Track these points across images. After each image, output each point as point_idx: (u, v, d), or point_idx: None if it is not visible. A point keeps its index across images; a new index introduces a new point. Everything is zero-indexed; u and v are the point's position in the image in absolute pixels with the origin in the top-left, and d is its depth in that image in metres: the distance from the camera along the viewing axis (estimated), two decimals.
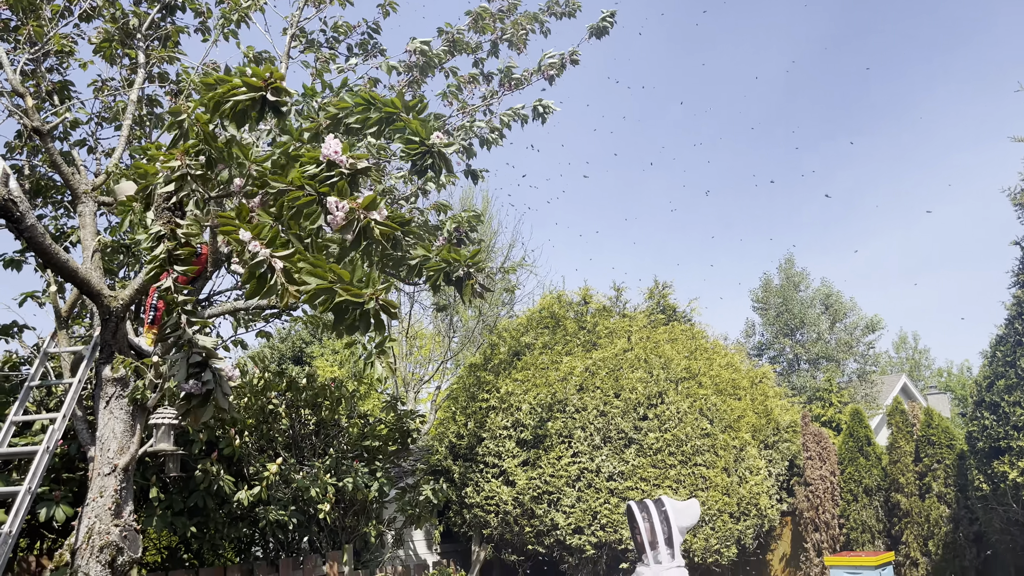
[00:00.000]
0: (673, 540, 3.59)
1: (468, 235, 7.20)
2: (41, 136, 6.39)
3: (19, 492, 5.18)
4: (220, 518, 7.49)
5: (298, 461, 8.24)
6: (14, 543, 4.94)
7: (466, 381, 10.31)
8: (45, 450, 5.37)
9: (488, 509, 9.08)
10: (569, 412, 8.91)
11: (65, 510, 6.17)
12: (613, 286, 11.75)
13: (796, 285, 24.47)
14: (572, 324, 10.34)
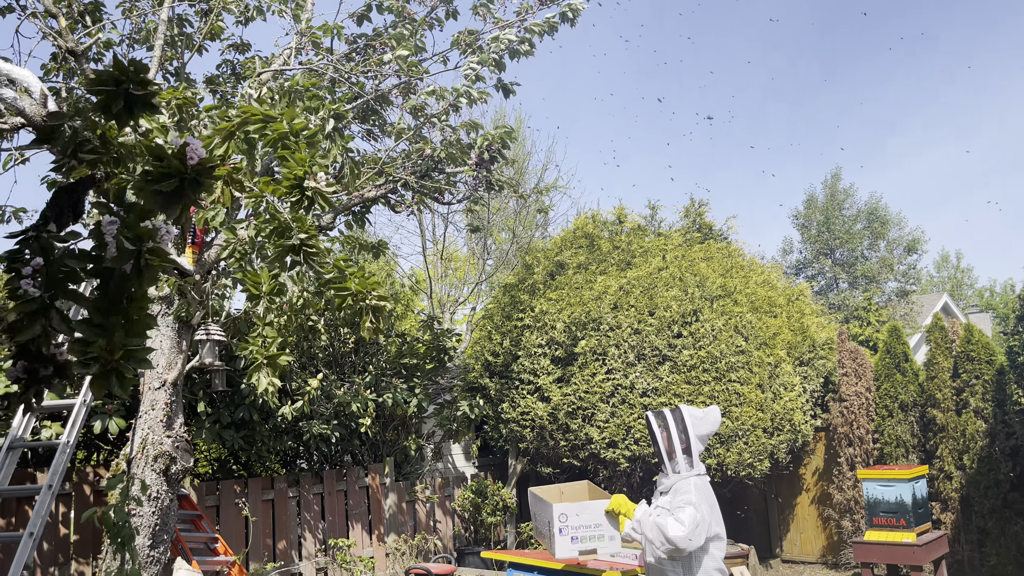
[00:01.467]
0: (692, 448, 3.53)
1: (501, 153, 7.16)
2: (76, 57, 6.41)
3: (75, 404, 5.43)
4: (265, 431, 7.78)
5: (339, 378, 8.47)
6: (72, 452, 5.20)
7: (501, 301, 10.40)
8: None
9: (524, 424, 9.28)
10: (603, 330, 8.97)
11: (118, 422, 6.46)
12: (648, 205, 11.65)
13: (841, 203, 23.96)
14: (607, 244, 10.30)
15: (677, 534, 3.22)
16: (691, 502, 3.33)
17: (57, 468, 5.02)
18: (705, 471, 3.57)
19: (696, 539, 3.25)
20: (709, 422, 3.63)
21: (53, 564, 6.58)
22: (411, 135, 7.29)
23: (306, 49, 7.16)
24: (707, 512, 3.34)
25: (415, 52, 7.12)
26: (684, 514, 3.28)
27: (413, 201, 7.58)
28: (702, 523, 3.27)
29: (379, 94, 7.46)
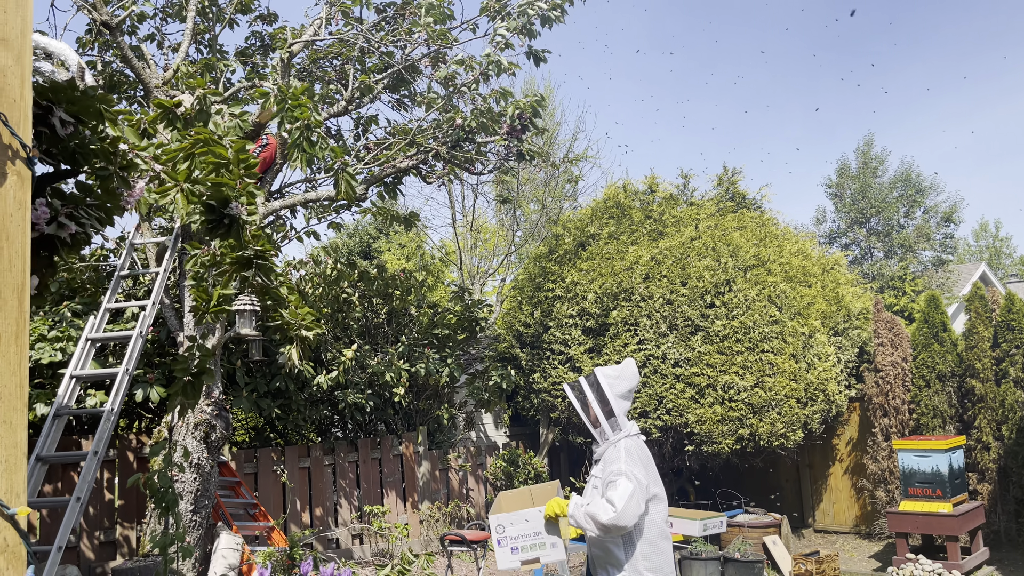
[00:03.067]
0: (614, 410, 3.35)
1: (532, 121, 7.11)
2: (111, 30, 6.47)
3: (118, 373, 5.54)
4: (301, 400, 7.90)
5: (372, 348, 8.56)
6: (115, 419, 5.33)
7: (531, 271, 10.40)
8: (139, 334, 5.69)
9: (555, 394, 9.32)
10: (635, 301, 8.94)
11: (159, 391, 6.59)
12: (680, 174, 11.48)
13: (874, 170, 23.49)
14: (638, 213, 10.22)
15: (609, 517, 3.10)
16: (622, 471, 3.18)
17: (102, 435, 5.14)
18: (636, 431, 3.40)
19: (631, 511, 3.11)
20: (626, 377, 3.43)
21: (99, 528, 6.77)
22: (441, 105, 7.26)
23: (336, 19, 7.14)
24: (641, 475, 3.19)
25: (443, 20, 7.06)
26: (615, 491, 3.14)
27: (444, 171, 7.57)
28: (636, 491, 3.12)
29: (408, 63, 7.43)
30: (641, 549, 3.22)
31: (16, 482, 1.17)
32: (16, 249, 1.20)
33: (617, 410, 3.34)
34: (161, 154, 4.29)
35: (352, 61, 7.32)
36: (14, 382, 1.17)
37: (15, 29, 1.21)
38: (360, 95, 7.18)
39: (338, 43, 7.53)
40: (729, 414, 8.32)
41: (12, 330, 1.17)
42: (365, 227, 24.27)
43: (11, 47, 1.20)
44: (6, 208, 1.20)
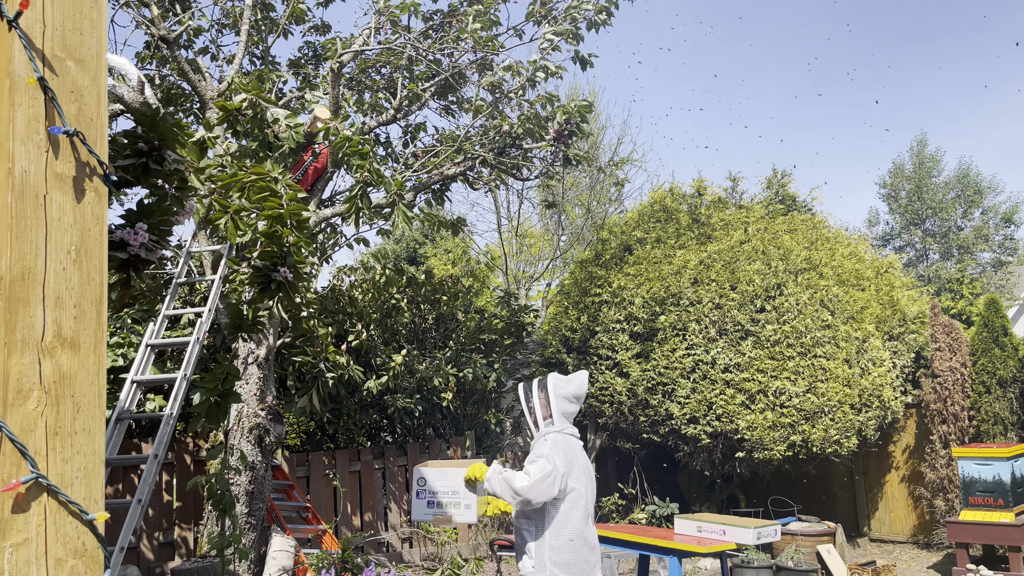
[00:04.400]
0: (554, 411, 3.50)
1: (579, 126, 7.11)
2: (168, 44, 6.66)
3: (176, 378, 5.69)
4: (352, 405, 8.01)
5: (421, 353, 8.63)
6: (175, 423, 5.47)
7: (577, 276, 10.38)
8: (196, 340, 5.83)
9: (602, 399, 9.28)
10: (683, 305, 8.86)
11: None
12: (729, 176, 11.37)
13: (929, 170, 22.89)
14: (685, 217, 10.14)
15: (522, 484, 3.24)
16: (543, 454, 3.34)
17: (161, 439, 5.28)
18: (573, 431, 3.54)
19: (543, 488, 3.23)
20: (575, 384, 3.59)
21: (158, 529, 6.96)
22: (488, 111, 7.31)
23: (384, 28, 7.24)
24: (562, 464, 3.32)
25: (489, 27, 7.11)
26: (533, 466, 3.31)
27: (491, 177, 7.61)
28: (553, 474, 3.26)
29: (456, 71, 7.50)
30: (550, 541, 3.33)
31: (95, 488, 1.22)
32: (95, 263, 1.25)
33: (556, 410, 3.50)
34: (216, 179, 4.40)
35: (400, 69, 7.41)
36: (93, 391, 1.22)
37: (91, 50, 1.26)
38: (408, 103, 7.27)
39: (386, 52, 7.63)
40: (781, 420, 8.19)
41: (91, 341, 1.23)
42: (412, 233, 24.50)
43: (88, 68, 1.26)
44: (85, 224, 1.25)
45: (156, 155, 2.72)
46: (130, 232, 2.77)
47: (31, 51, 1.18)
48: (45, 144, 1.19)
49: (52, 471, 1.17)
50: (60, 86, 1.22)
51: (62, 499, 1.16)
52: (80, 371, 1.20)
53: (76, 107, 1.23)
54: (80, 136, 1.23)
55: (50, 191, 1.19)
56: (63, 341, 1.18)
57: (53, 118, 1.21)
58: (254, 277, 3.89)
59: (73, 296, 1.20)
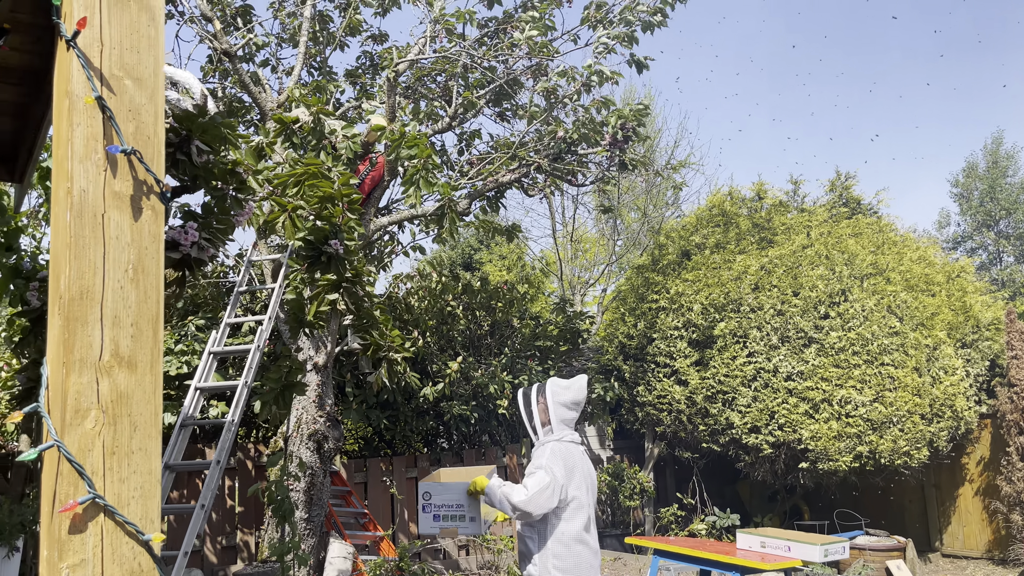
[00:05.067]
0: (553, 418, 3.45)
1: (635, 131, 7.01)
2: (230, 58, 6.80)
3: (238, 385, 5.79)
4: (408, 412, 8.04)
5: (476, 360, 8.63)
6: (236, 430, 5.56)
7: (634, 282, 10.25)
8: (257, 348, 5.92)
9: (660, 407, 9.13)
10: (743, 312, 8.66)
11: None
12: (790, 179, 11.10)
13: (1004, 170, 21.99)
14: (745, 221, 9.92)
15: (519, 499, 3.23)
16: (541, 466, 3.31)
17: (224, 445, 5.37)
18: (573, 438, 3.50)
19: (542, 501, 3.22)
20: (574, 390, 3.53)
21: (221, 533, 7.08)
22: (543, 117, 7.27)
23: (439, 36, 7.27)
24: (561, 474, 3.29)
25: (544, 32, 7.07)
26: (531, 479, 3.29)
27: (546, 184, 7.57)
28: (552, 485, 3.24)
29: (510, 77, 7.48)
30: (552, 548, 3.32)
31: (151, 508, 1.21)
32: (151, 281, 1.25)
33: (555, 417, 3.47)
34: (273, 178, 4.53)
35: (455, 77, 7.43)
36: (149, 411, 1.21)
37: (148, 68, 1.26)
38: (463, 111, 7.27)
39: (442, 60, 7.66)
40: (846, 430, 7.93)
41: (148, 359, 1.22)
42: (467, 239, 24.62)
43: (145, 86, 1.26)
44: (142, 242, 1.25)
45: (184, 147, 2.78)
46: (180, 231, 2.82)
47: (89, 70, 1.18)
48: (103, 163, 1.20)
49: (109, 491, 1.17)
50: (118, 105, 1.22)
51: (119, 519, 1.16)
52: (137, 390, 1.20)
53: (134, 126, 1.23)
54: (138, 155, 1.23)
55: (108, 210, 1.19)
56: (120, 360, 1.18)
57: (111, 137, 1.21)
58: (305, 252, 3.94)
59: (131, 315, 1.20)
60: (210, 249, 2.95)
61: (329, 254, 4.13)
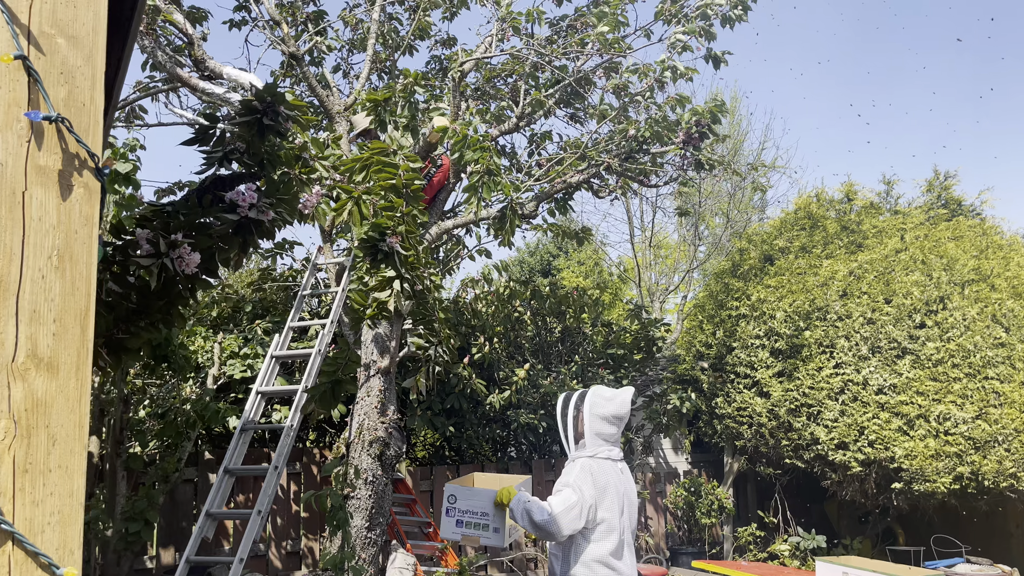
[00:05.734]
0: (588, 431, 3.20)
1: (710, 128, 6.65)
2: (297, 61, 6.80)
3: (297, 390, 5.72)
4: (474, 420, 7.86)
5: (545, 367, 8.39)
6: (295, 435, 5.49)
7: (713, 289, 9.81)
8: (317, 352, 5.86)
9: (740, 420, 8.67)
10: (830, 320, 8.13)
11: (341, 408, 6.77)
12: (883, 179, 10.45)
13: None
14: (833, 224, 9.36)
15: (541, 518, 3.05)
16: (568, 483, 3.13)
17: (282, 450, 5.30)
18: (611, 454, 3.22)
19: (565, 522, 3.02)
20: (617, 403, 3.25)
21: (286, 538, 7.06)
22: (613, 116, 6.99)
23: (507, 35, 7.09)
24: (589, 494, 3.08)
25: (616, 28, 6.79)
26: (556, 497, 3.10)
27: (617, 185, 7.27)
28: (578, 505, 3.04)
29: (580, 76, 7.23)
30: (578, 571, 3.13)
31: (70, 537, 1.03)
32: (80, 270, 1.07)
33: (590, 430, 3.23)
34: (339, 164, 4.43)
35: (524, 77, 7.23)
36: (72, 421, 1.04)
37: (86, 26, 1.09)
38: (531, 111, 7.07)
39: (511, 60, 7.48)
40: (945, 449, 7.32)
41: (73, 361, 1.05)
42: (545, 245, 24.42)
43: (81, 46, 1.09)
44: (71, 225, 1.07)
45: (271, 112, 2.88)
46: (238, 192, 2.82)
47: (14, 26, 1.02)
48: (27, 133, 1.03)
49: (19, 516, 0.99)
50: (47, 66, 1.05)
51: (29, 550, 0.98)
52: (59, 397, 1.03)
53: (66, 90, 1.06)
54: (67, 123, 1.06)
55: (30, 187, 1.02)
56: (39, 362, 1.01)
57: (38, 103, 1.05)
58: (364, 248, 3.85)
59: (53, 309, 1.03)
60: (270, 212, 2.98)
61: (384, 251, 3.99)
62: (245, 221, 2.90)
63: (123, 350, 2.71)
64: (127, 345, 2.71)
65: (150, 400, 6.14)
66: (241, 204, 2.88)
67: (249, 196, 2.88)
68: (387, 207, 3.99)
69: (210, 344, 6.39)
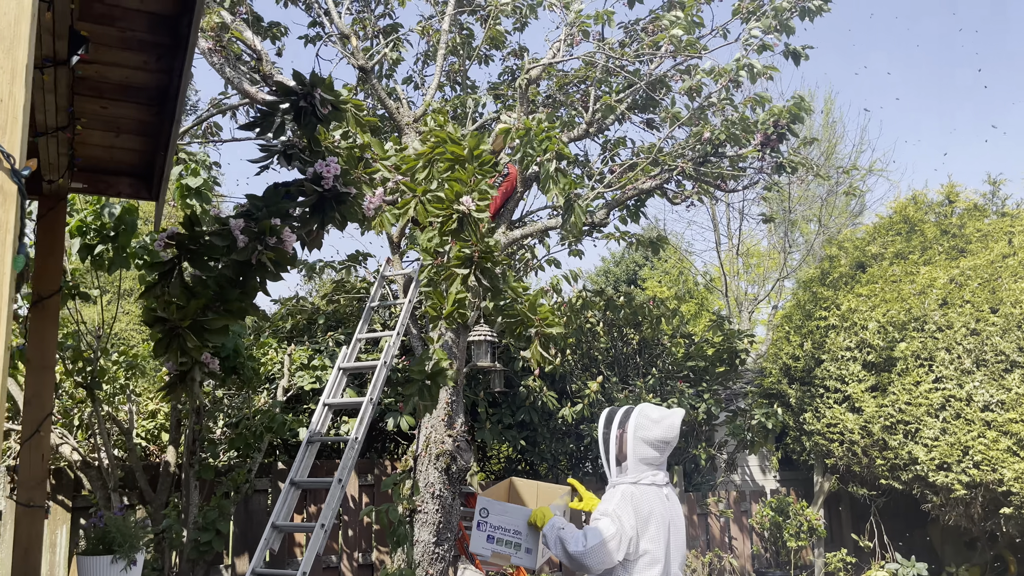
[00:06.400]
0: (630, 454, 2.96)
1: (790, 128, 6.30)
2: (366, 73, 6.83)
3: (363, 402, 5.69)
4: (546, 433, 7.68)
5: (620, 380, 8.14)
6: (359, 447, 5.44)
7: (800, 298, 9.33)
8: (383, 364, 5.81)
9: (831, 437, 8.18)
10: (929, 331, 7.58)
11: (408, 420, 6.72)
12: (988, 179, 9.72)
13: None
14: (932, 228, 8.75)
15: (576, 550, 2.87)
16: (607, 512, 2.92)
17: (346, 463, 5.27)
18: (655, 479, 2.97)
19: (601, 555, 2.83)
20: (664, 426, 2.99)
21: (357, 550, 7.05)
22: (687, 119, 6.71)
23: (576, 40, 6.93)
24: (629, 525, 2.87)
25: (690, 30, 6.53)
26: (593, 527, 2.92)
27: (693, 191, 6.99)
28: (617, 536, 2.84)
29: (654, 79, 6.99)
30: None
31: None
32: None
33: (633, 454, 2.99)
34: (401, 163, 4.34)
35: (594, 82, 7.05)
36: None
37: (7, 15, 1.00)
38: (602, 116, 6.87)
39: (584, 66, 7.31)
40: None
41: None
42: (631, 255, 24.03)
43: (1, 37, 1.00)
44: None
45: (308, 97, 2.92)
46: (323, 164, 2.84)
47: None
48: None
49: None
50: None
51: None
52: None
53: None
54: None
55: None
56: None
57: None
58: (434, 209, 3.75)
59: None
60: (352, 190, 3.01)
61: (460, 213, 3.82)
62: (328, 194, 2.92)
63: (205, 332, 2.80)
64: (207, 326, 2.80)
65: (224, 411, 6.24)
66: (326, 176, 2.90)
67: (333, 168, 2.91)
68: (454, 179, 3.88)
69: (281, 355, 6.46)
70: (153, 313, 2.63)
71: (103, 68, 3.19)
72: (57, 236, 3.86)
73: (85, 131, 3.60)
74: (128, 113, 3.55)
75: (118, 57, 3.11)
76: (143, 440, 6.28)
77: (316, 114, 2.89)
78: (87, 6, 2.89)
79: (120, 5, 2.87)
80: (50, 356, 3.72)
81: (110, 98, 3.43)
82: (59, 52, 2.52)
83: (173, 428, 5.88)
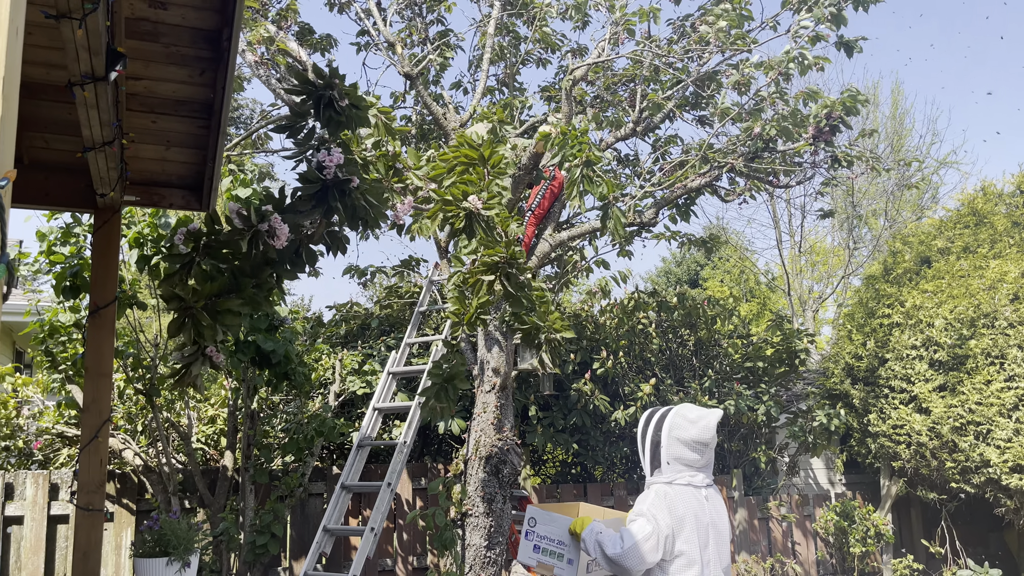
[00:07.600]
0: (664, 454, 2.92)
1: (843, 120, 6.11)
2: (411, 80, 6.89)
3: (411, 406, 5.74)
4: (598, 436, 7.61)
5: (676, 382, 8.01)
6: (408, 451, 5.49)
7: (862, 295, 9.03)
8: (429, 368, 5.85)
9: (897, 439, 7.89)
10: (1000, 327, 7.24)
11: (459, 423, 6.74)
12: None
13: None
14: (1002, 220, 8.37)
15: (614, 552, 2.85)
16: (642, 513, 2.90)
17: (394, 467, 5.32)
18: (692, 480, 2.92)
19: (640, 555, 2.80)
20: (700, 427, 2.94)
21: (411, 553, 7.10)
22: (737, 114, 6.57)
23: (621, 39, 6.86)
24: (665, 523, 2.85)
25: (739, 24, 6.39)
26: (630, 527, 2.89)
27: (745, 187, 6.84)
28: (654, 535, 2.82)
29: (702, 75, 6.87)
30: None
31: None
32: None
33: (668, 454, 2.96)
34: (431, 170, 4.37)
35: (641, 80, 6.96)
36: None
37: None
38: (649, 114, 6.78)
39: (632, 65, 7.23)
40: None
41: None
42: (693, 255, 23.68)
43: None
44: None
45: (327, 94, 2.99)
46: (324, 153, 2.90)
47: None
48: None
49: None
50: None
51: None
52: None
53: None
54: None
55: None
56: None
57: None
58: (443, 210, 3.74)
59: None
60: (355, 180, 3.05)
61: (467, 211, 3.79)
62: (330, 183, 2.94)
63: (219, 315, 2.92)
64: (220, 308, 2.91)
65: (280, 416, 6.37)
66: (328, 165, 2.94)
67: (336, 156, 2.95)
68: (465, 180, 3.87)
69: (332, 360, 6.56)
70: (171, 290, 2.76)
71: (151, 83, 3.29)
72: (112, 247, 3.98)
73: (137, 145, 3.72)
74: (177, 126, 3.66)
75: (165, 72, 3.21)
76: (203, 445, 6.46)
77: (335, 107, 2.92)
78: (133, 24, 2.99)
79: (164, 22, 2.96)
80: (107, 364, 3.84)
81: (159, 112, 3.55)
82: (97, 69, 2.59)
83: (230, 433, 6.02)
